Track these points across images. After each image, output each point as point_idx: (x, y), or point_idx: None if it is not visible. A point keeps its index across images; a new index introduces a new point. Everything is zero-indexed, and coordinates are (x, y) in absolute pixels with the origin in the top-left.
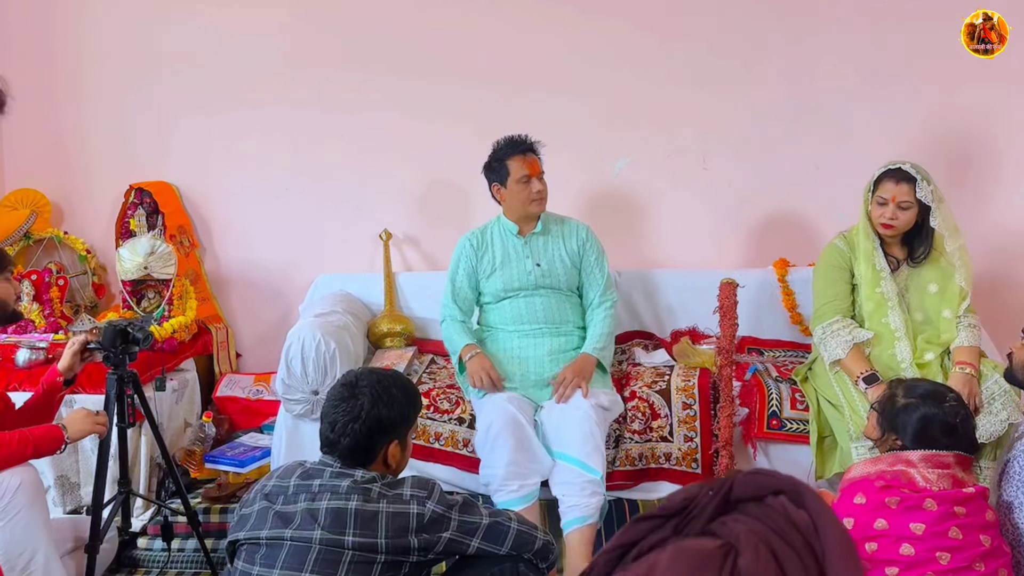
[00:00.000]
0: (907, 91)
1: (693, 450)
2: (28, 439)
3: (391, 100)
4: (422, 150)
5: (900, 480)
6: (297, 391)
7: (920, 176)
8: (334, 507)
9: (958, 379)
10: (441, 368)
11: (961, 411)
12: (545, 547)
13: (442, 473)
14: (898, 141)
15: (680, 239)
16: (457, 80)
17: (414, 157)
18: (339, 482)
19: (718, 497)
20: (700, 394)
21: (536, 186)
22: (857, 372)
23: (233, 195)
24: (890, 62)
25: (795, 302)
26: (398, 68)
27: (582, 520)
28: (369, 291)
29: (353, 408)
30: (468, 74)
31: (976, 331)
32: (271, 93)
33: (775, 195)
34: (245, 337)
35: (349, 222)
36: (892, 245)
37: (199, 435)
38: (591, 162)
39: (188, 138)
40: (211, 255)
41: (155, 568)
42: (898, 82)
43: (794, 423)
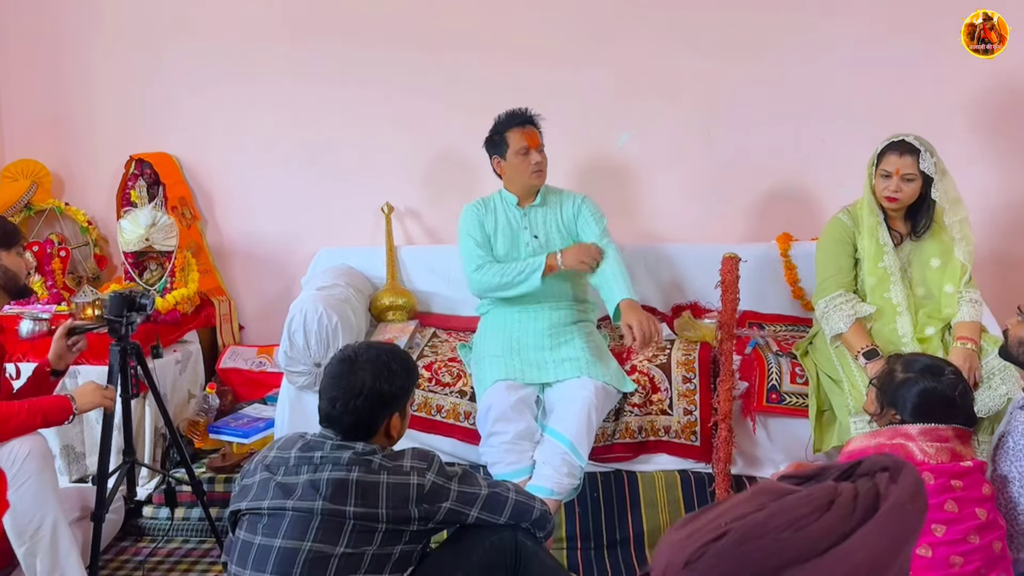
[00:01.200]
0: (914, 65)
1: (692, 423)
2: (37, 409)
3: (393, 73)
4: (424, 123)
5: (899, 453)
6: (300, 363)
7: (923, 148)
8: (336, 478)
9: (959, 354)
10: (443, 342)
11: (959, 385)
12: (542, 517)
13: (443, 445)
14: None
15: (683, 213)
16: (459, 52)
17: (416, 130)
18: (340, 454)
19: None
20: (700, 368)
21: (535, 158)
22: (858, 347)
23: (234, 167)
24: (897, 36)
25: (797, 276)
26: (400, 41)
27: (551, 492)
28: (371, 264)
29: (354, 385)
30: (470, 46)
31: (978, 306)
32: (273, 65)
33: (779, 169)
34: (248, 309)
35: (351, 195)
36: (896, 220)
37: (203, 406)
38: (594, 135)
39: (189, 109)
40: (213, 227)
41: (160, 536)
42: (905, 56)
43: (793, 397)
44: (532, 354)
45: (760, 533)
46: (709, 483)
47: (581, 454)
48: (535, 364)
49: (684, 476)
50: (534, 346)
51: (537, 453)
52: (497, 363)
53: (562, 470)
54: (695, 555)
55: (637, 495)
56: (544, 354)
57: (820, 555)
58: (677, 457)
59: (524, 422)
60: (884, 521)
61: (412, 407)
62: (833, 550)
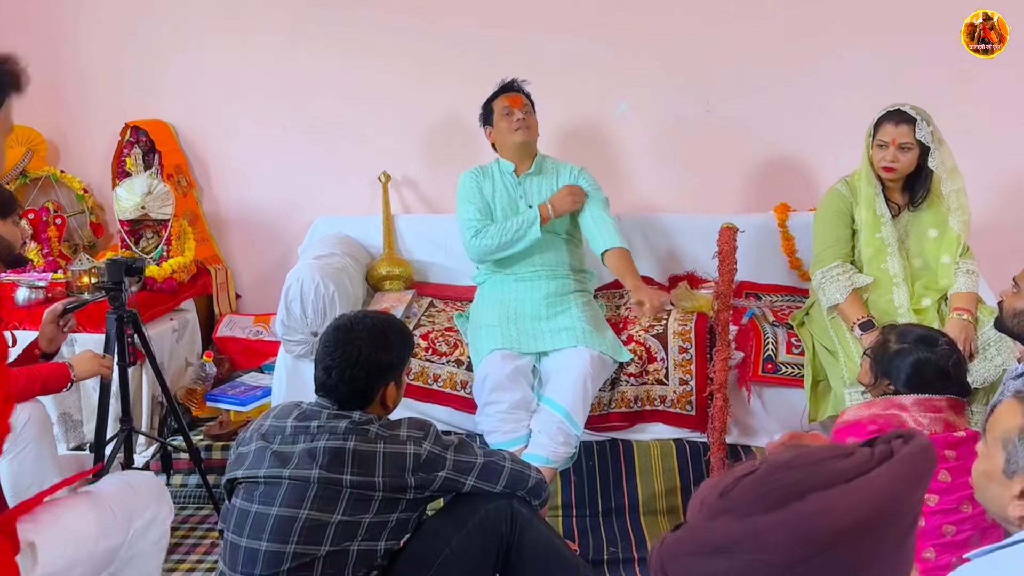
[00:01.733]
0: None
1: (688, 393)
2: (36, 376)
3: (390, 41)
4: (422, 91)
5: (892, 424)
6: (297, 332)
7: (920, 117)
8: (333, 447)
9: (954, 325)
10: (440, 311)
11: (953, 355)
12: (538, 485)
13: (440, 413)
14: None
15: (681, 183)
16: (458, 20)
17: (413, 99)
18: (337, 423)
19: None
20: (697, 338)
21: (517, 115)
22: (854, 318)
23: (231, 135)
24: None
25: (794, 247)
26: (399, 6)
27: (546, 460)
28: (368, 233)
29: (349, 354)
30: (469, 12)
31: (974, 277)
32: (269, 31)
33: (778, 139)
34: (244, 278)
35: (348, 164)
36: (893, 191)
37: (200, 374)
38: (592, 104)
39: (184, 76)
40: (209, 195)
41: None
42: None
43: (789, 367)
44: (529, 324)
45: (789, 466)
46: (704, 452)
47: (577, 423)
48: (532, 334)
49: (679, 445)
50: (531, 315)
51: (533, 422)
52: (494, 332)
53: (558, 439)
54: (730, 486)
55: (632, 464)
56: (541, 324)
57: (845, 483)
58: (673, 427)
59: (520, 391)
60: (900, 461)
61: (408, 376)
62: (857, 479)
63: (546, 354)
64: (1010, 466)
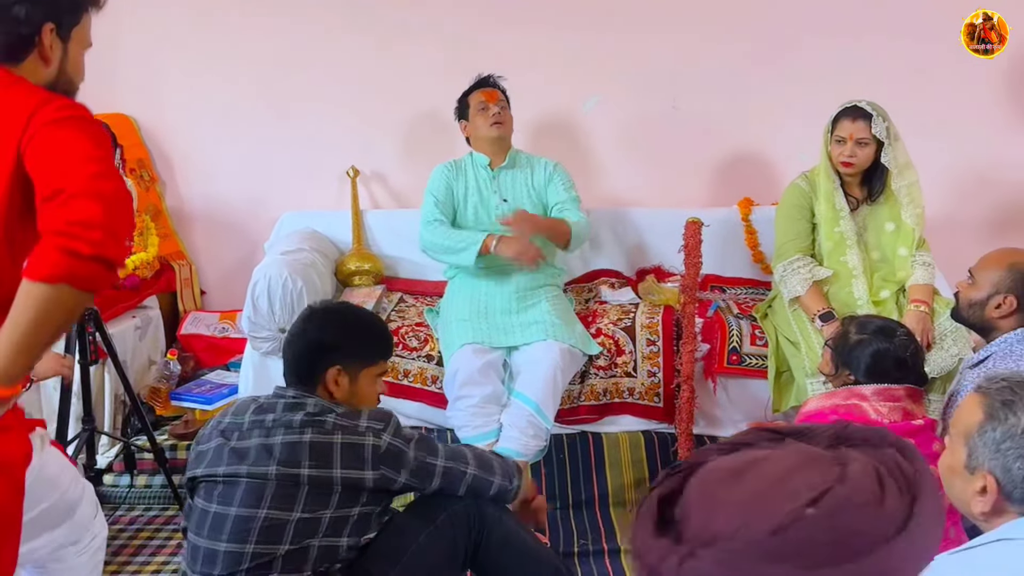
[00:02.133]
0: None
1: (656, 385)
2: None
3: (359, 33)
4: (390, 86)
5: (853, 413)
6: (264, 329)
7: (876, 112)
8: (289, 441)
9: (912, 316)
10: (410, 306)
11: (911, 345)
12: (500, 492)
13: (410, 409)
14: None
15: (648, 178)
16: (427, 13)
17: (382, 93)
18: (292, 416)
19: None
20: (664, 331)
21: (492, 110)
22: (815, 310)
23: (194, 128)
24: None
25: (757, 240)
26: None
27: (517, 454)
28: (336, 229)
29: (296, 328)
30: (438, 7)
31: (931, 269)
32: (234, 22)
33: (742, 135)
34: (209, 275)
35: (315, 158)
36: (852, 185)
37: (164, 373)
38: (561, 100)
39: (146, 69)
40: (172, 190)
41: (123, 504)
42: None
43: (753, 359)
44: (499, 318)
45: (849, 507)
46: (672, 443)
47: (547, 416)
48: (502, 328)
49: (648, 436)
50: (501, 310)
51: (504, 416)
52: (464, 327)
53: (528, 432)
54: (784, 524)
55: (602, 456)
56: (511, 318)
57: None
58: (641, 418)
59: (491, 386)
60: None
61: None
62: (910, 523)
63: (516, 348)
64: (972, 461)
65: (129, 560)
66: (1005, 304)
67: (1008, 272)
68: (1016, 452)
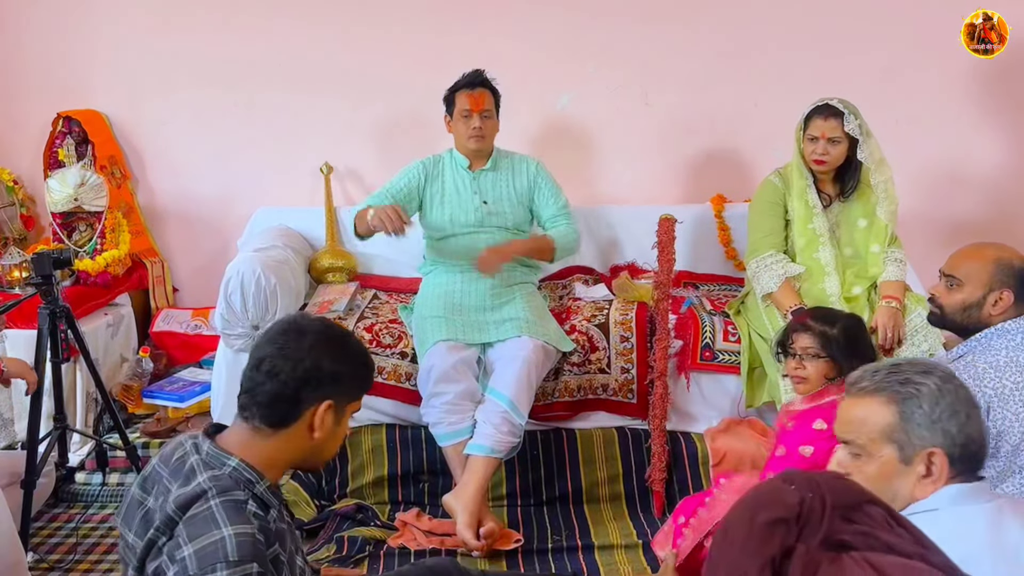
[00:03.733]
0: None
1: (630, 381)
2: None
3: (332, 29)
4: (364, 82)
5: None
6: (237, 326)
7: (848, 110)
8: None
9: (884, 312)
10: (384, 303)
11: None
12: None
13: (384, 406)
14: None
15: (621, 175)
16: (401, 10)
17: (355, 89)
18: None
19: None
20: (637, 327)
21: (474, 122)
22: (787, 306)
23: (166, 124)
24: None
25: (730, 237)
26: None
27: (490, 451)
28: (310, 225)
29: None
30: (414, 3)
31: (902, 265)
32: (207, 18)
33: (714, 132)
34: (182, 272)
35: (289, 154)
36: (825, 182)
37: (136, 370)
38: (535, 97)
39: (118, 65)
40: (144, 187)
41: (95, 502)
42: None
43: (726, 355)
44: (473, 315)
45: None
46: (645, 439)
47: (521, 412)
48: (476, 325)
49: (621, 433)
50: (475, 307)
51: (478, 412)
52: (438, 324)
53: (502, 428)
54: None
55: (576, 452)
56: (485, 315)
57: None
58: (614, 414)
59: (465, 382)
60: None
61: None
62: None
63: (491, 345)
64: (905, 452)
65: (101, 558)
66: (1002, 300)
67: (997, 267)
68: (949, 411)
